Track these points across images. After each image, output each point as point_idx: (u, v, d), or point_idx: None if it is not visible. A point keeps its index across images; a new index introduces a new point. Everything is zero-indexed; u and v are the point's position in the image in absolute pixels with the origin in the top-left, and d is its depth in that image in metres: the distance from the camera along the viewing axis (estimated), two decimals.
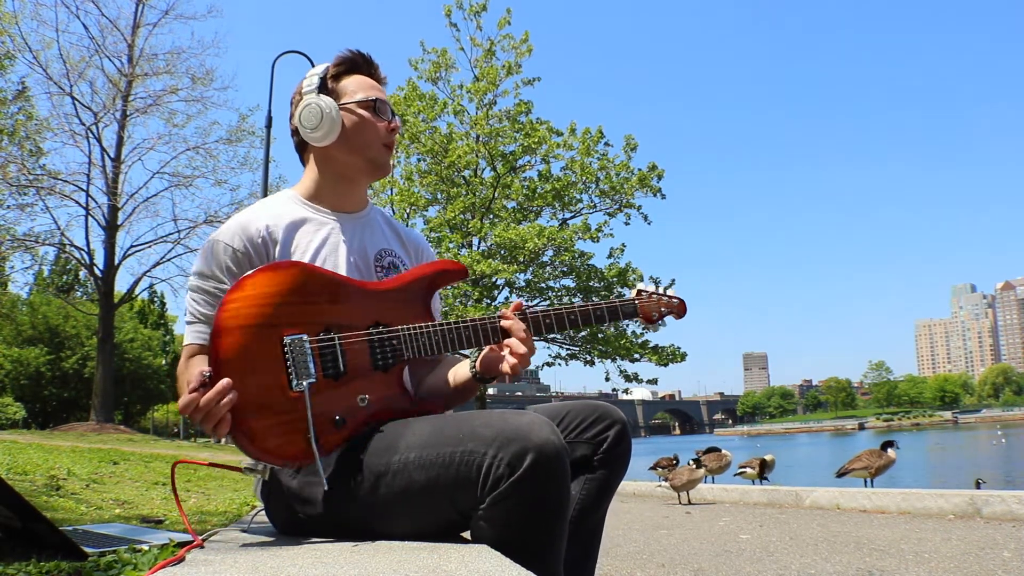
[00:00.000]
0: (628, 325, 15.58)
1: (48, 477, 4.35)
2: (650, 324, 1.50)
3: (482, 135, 15.55)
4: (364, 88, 1.49)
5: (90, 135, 17.45)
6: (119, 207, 18.03)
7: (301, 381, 1.20)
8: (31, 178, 16.70)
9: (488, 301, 15.26)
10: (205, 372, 1.17)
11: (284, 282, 1.25)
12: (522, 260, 14.96)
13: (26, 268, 21.63)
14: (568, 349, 16.40)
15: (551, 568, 1.14)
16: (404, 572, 0.89)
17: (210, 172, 18.72)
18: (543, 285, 16.30)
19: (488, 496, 1.09)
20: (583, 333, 15.40)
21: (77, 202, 17.58)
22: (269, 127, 11.55)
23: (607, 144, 16.25)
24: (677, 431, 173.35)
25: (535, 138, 15.33)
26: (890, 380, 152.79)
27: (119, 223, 18.21)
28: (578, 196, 16.45)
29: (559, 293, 16.47)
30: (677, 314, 1.52)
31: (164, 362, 35.60)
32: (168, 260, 18.83)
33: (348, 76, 1.50)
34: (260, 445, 1.20)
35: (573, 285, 16.31)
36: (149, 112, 18.19)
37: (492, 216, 15.92)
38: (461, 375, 1.45)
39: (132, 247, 18.69)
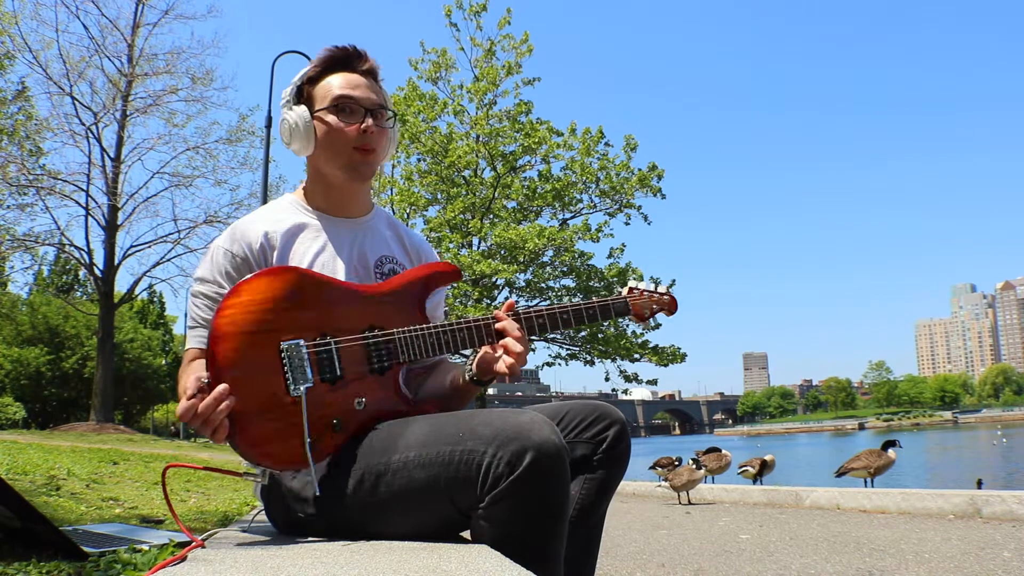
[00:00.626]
0: (628, 325, 15.61)
1: (48, 477, 4.35)
2: (642, 321, 1.50)
3: (482, 135, 15.54)
4: (335, 90, 1.44)
5: (90, 135, 17.44)
6: (119, 207, 18.02)
7: (298, 386, 1.21)
8: (31, 178, 16.69)
9: (488, 301, 15.26)
10: (203, 378, 1.18)
11: (280, 287, 1.26)
12: (522, 260, 14.96)
13: (26, 268, 21.58)
14: (568, 349, 16.40)
15: (551, 567, 1.14)
16: (404, 572, 0.89)
17: (210, 172, 18.73)
18: (543, 285, 16.30)
19: (488, 495, 1.09)
20: (583, 333, 15.40)
21: (77, 202, 17.59)
22: (269, 127, 11.57)
23: (607, 144, 16.26)
24: (677, 431, 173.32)
25: (535, 138, 15.32)
26: (890, 380, 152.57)
27: (119, 223, 18.20)
28: (578, 196, 16.45)
29: (559, 293, 16.47)
30: (668, 310, 1.52)
31: (164, 362, 35.58)
32: (168, 260, 18.86)
33: (323, 78, 1.46)
34: (259, 450, 1.20)
35: (573, 285, 16.31)
36: (149, 112, 18.19)
37: (492, 216, 15.92)
38: (458, 378, 1.45)
39: (132, 247, 18.70)
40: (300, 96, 1.47)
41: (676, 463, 8.18)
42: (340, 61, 1.47)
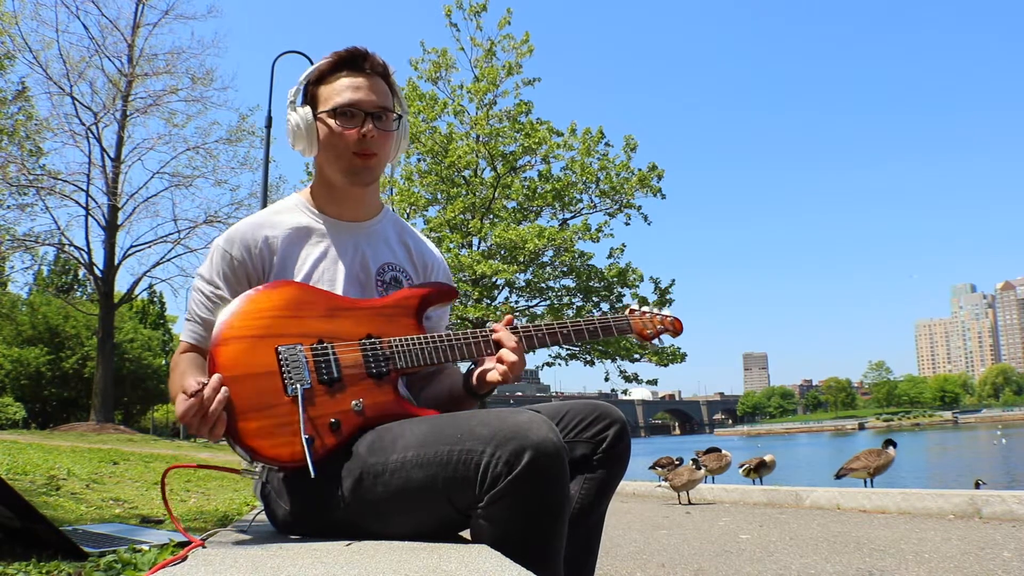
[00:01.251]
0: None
1: (48, 477, 4.36)
2: (645, 340, 1.53)
3: (482, 135, 15.54)
4: (337, 93, 1.42)
5: (90, 135, 17.46)
6: (119, 207, 18.04)
7: (295, 385, 1.23)
8: (31, 178, 16.71)
9: (488, 301, 15.27)
10: (201, 381, 1.19)
11: (280, 298, 1.30)
12: (522, 260, 14.96)
13: (26, 268, 21.64)
14: (568, 349, 16.38)
15: (551, 567, 1.14)
16: (404, 572, 0.89)
17: (210, 172, 18.76)
18: (543, 285, 16.31)
19: (487, 494, 1.09)
20: None
21: (77, 202, 17.61)
22: (269, 127, 11.55)
23: (607, 144, 16.27)
24: (677, 431, 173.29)
25: (535, 138, 15.32)
26: (890, 380, 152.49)
27: (119, 223, 18.22)
28: (578, 196, 16.46)
29: (559, 293, 16.49)
30: (673, 332, 1.56)
31: (164, 362, 35.55)
32: (168, 260, 18.89)
33: (328, 79, 1.44)
34: (256, 448, 1.21)
35: (573, 285, 16.33)
36: (149, 112, 18.21)
37: (492, 216, 15.92)
38: (457, 388, 1.47)
39: (132, 247, 18.73)
40: (305, 97, 1.47)
41: (676, 463, 8.18)
42: (346, 61, 1.44)
